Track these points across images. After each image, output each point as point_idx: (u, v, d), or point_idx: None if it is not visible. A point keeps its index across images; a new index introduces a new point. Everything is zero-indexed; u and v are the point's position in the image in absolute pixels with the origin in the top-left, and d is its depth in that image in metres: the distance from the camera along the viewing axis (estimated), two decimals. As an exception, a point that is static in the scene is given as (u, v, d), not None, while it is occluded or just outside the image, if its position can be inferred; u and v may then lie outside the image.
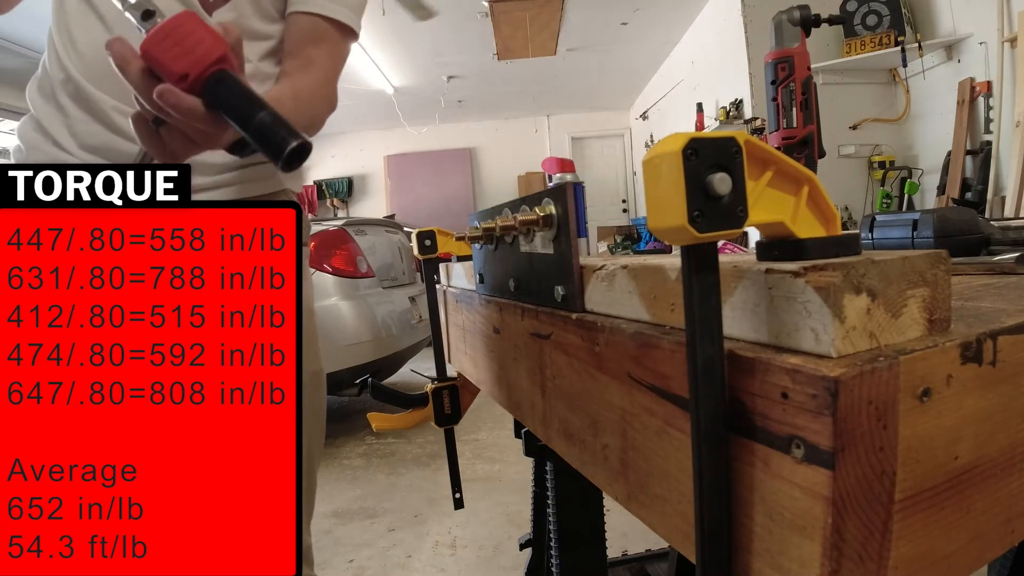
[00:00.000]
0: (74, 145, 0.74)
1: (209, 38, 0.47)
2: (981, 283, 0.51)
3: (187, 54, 0.47)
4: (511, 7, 4.48)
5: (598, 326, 0.42)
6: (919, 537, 0.27)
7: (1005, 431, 0.30)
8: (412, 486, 2.47)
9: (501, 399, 0.72)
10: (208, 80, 0.47)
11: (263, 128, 0.46)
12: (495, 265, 0.69)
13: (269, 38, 0.80)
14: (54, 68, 0.76)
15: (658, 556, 1.37)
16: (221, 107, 0.48)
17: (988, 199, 2.95)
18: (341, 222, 3.29)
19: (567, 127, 8.33)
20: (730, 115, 4.23)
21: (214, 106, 0.48)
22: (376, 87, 6.22)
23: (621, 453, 0.40)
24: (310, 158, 0.48)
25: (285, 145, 0.45)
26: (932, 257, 0.29)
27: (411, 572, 1.82)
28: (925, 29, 3.35)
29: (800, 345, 0.27)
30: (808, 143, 1.00)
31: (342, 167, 8.27)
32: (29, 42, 3.88)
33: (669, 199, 0.26)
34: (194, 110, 0.47)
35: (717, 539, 0.29)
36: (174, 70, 0.47)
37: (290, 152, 0.45)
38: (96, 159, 0.73)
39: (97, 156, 0.73)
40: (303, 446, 0.81)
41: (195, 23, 0.48)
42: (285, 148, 0.45)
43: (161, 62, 0.47)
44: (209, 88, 0.47)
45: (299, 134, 0.46)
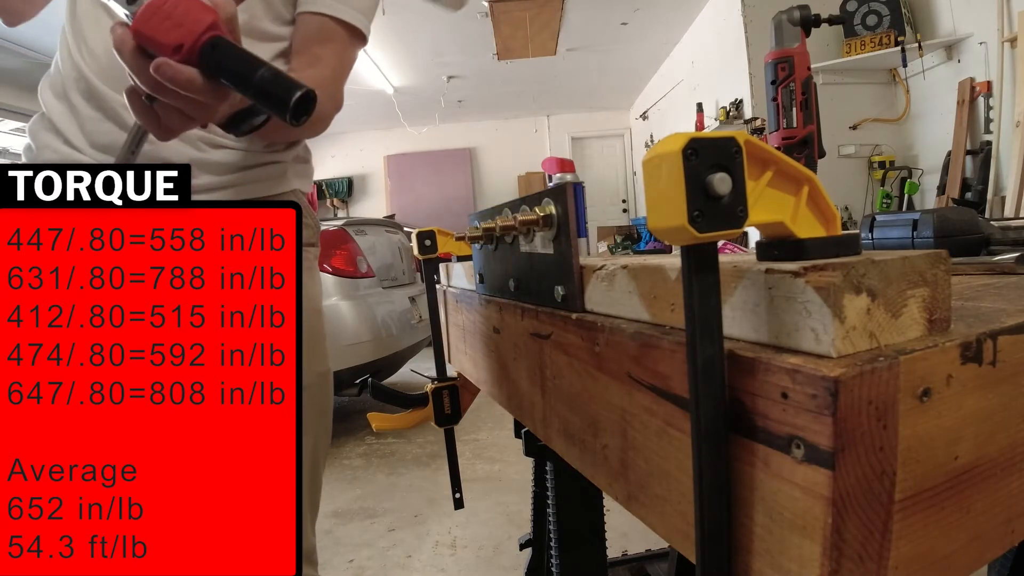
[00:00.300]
0: (85, 144, 0.74)
1: (196, 7, 0.47)
2: (981, 283, 0.51)
3: (178, 26, 0.46)
4: (511, 7, 4.48)
5: (598, 326, 0.42)
6: (919, 537, 0.27)
7: (1005, 431, 0.30)
8: (412, 486, 2.47)
9: (501, 399, 0.72)
10: (203, 48, 0.46)
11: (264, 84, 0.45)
12: (495, 265, 0.69)
13: (281, 39, 0.80)
14: (67, 67, 0.76)
15: (658, 556, 1.37)
16: (219, 72, 0.47)
17: (988, 199, 2.95)
18: (341, 222, 3.29)
19: (567, 127, 8.33)
20: (730, 115, 4.23)
21: (212, 73, 0.47)
22: (376, 87, 6.23)
23: (621, 453, 0.40)
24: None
25: (290, 96, 0.44)
26: (932, 257, 0.29)
27: (411, 572, 1.82)
28: (925, 29, 3.35)
29: (800, 345, 0.27)
30: (808, 143, 1.00)
31: (342, 167, 8.27)
32: (29, 42, 3.88)
33: (669, 199, 0.26)
34: (192, 80, 0.47)
35: (717, 539, 0.29)
36: (167, 43, 0.46)
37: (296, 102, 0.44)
38: (108, 158, 0.74)
39: (109, 154, 0.74)
40: (310, 446, 0.82)
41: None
42: (290, 99, 0.44)
43: (153, 38, 0.46)
44: (204, 55, 0.46)
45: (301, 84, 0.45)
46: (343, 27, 0.79)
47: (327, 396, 0.87)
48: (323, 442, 0.86)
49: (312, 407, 0.81)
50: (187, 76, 0.47)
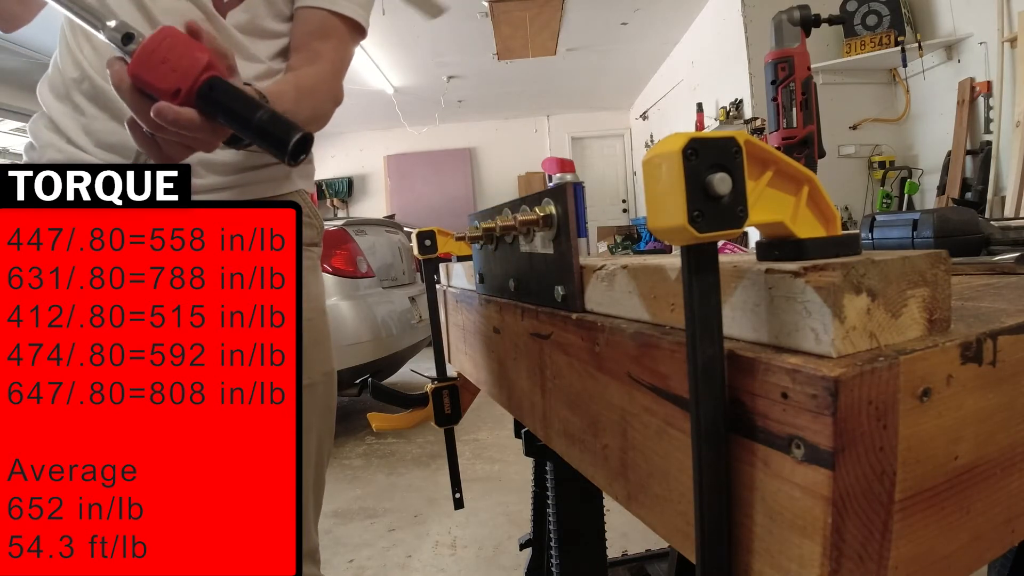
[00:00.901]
0: (90, 143, 0.74)
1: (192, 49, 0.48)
2: (981, 283, 0.51)
3: (174, 70, 0.47)
4: (511, 7, 4.48)
5: (598, 326, 0.42)
6: (919, 537, 0.27)
7: (1005, 431, 0.30)
8: (412, 486, 2.47)
9: (501, 399, 0.72)
10: (200, 90, 0.48)
11: (263, 128, 0.47)
12: (495, 265, 0.69)
13: (282, 36, 0.80)
14: (68, 67, 0.76)
15: (658, 556, 1.37)
16: (218, 113, 0.48)
17: (988, 199, 2.95)
18: (341, 222, 3.29)
19: (567, 127, 8.33)
20: (730, 115, 4.23)
21: (210, 113, 0.48)
22: (376, 87, 6.22)
23: (621, 453, 0.40)
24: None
25: (288, 139, 0.46)
26: (932, 257, 0.29)
27: (411, 572, 1.82)
28: (925, 29, 3.35)
29: (800, 345, 0.27)
30: (808, 143, 1.00)
31: (342, 167, 8.27)
32: (28, 41, 3.88)
33: (669, 199, 0.26)
34: (192, 121, 0.48)
35: (717, 539, 0.29)
36: (165, 88, 0.48)
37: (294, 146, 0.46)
38: (114, 157, 0.74)
39: (114, 154, 0.74)
40: (314, 444, 0.82)
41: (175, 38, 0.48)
42: (288, 143, 0.46)
43: (151, 83, 0.48)
44: (202, 97, 0.48)
45: (299, 127, 0.47)
46: (343, 21, 0.79)
47: (331, 395, 0.87)
48: (327, 440, 0.87)
49: (317, 405, 0.82)
50: (187, 118, 0.48)
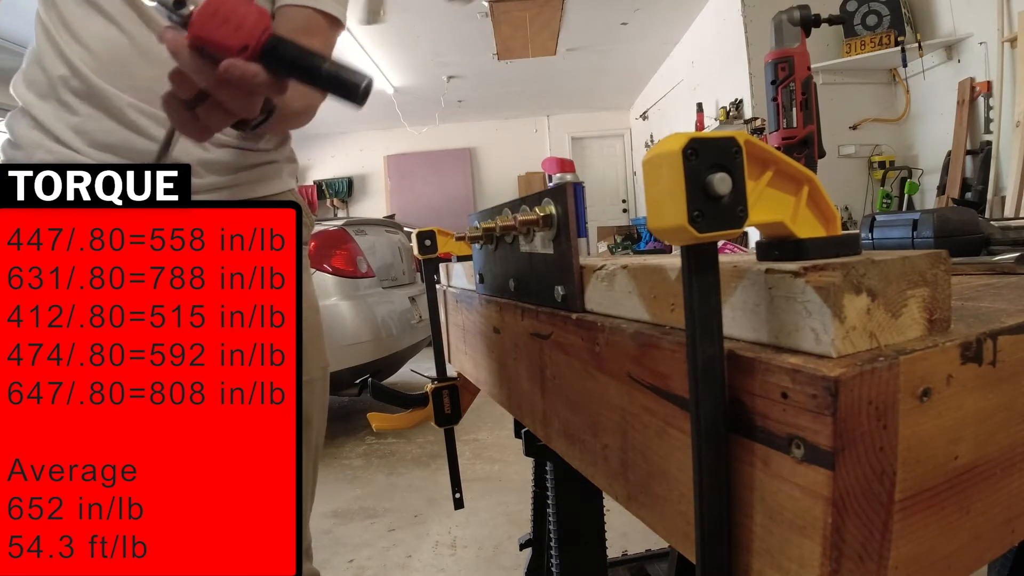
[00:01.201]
0: (82, 143, 0.72)
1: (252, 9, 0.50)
2: (981, 283, 0.51)
3: (239, 29, 0.49)
4: (511, 7, 4.48)
5: (598, 326, 0.42)
6: (919, 537, 0.27)
7: (1005, 431, 0.30)
8: (412, 486, 2.47)
9: (501, 399, 0.72)
10: (265, 47, 0.49)
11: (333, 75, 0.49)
12: (495, 265, 0.69)
13: None
14: (53, 64, 0.73)
15: (658, 556, 1.37)
16: (285, 68, 0.50)
17: (988, 199, 2.95)
18: (341, 222, 3.29)
19: (567, 127, 8.32)
20: (730, 115, 4.23)
21: (278, 68, 0.50)
22: (376, 87, 6.21)
23: (621, 453, 0.40)
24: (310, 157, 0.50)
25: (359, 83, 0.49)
26: (932, 257, 0.29)
27: (411, 572, 1.82)
28: (925, 29, 3.35)
29: (800, 345, 0.27)
30: (808, 143, 1.00)
31: (342, 167, 8.26)
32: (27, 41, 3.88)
33: (669, 199, 0.26)
34: (260, 74, 0.49)
35: (717, 539, 0.29)
36: (232, 45, 0.48)
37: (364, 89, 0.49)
38: (110, 157, 0.72)
39: (111, 154, 0.72)
40: (313, 439, 0.83)
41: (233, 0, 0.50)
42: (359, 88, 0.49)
43: (218, 42, 0.49)
44: (267, 54, 0.49)
45: (364, 73, 0.49)
46: (326, 18, 0.80)
47: (327, 390, 0.90)
48: (322, 434, 0.90)
49: (316, 400, 0.84)
50: (255, 71, 0.49)
